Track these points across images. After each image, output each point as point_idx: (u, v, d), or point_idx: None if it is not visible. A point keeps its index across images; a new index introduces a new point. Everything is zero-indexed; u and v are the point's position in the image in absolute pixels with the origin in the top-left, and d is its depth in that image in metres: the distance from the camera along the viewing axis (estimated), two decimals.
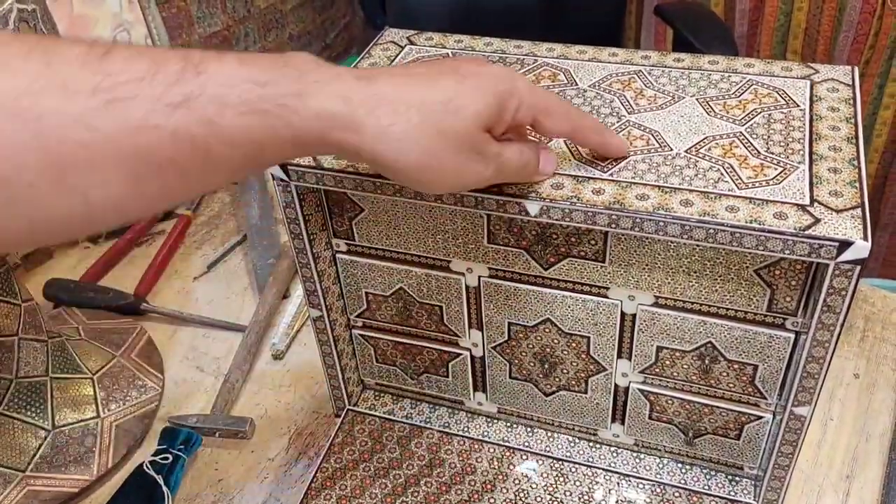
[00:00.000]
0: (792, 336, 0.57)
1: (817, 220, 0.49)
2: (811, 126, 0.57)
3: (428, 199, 0.56)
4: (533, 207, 0.53)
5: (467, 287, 0.64)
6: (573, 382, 0.68)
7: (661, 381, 0.64)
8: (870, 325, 0.84)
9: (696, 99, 0.61)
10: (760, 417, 0.62)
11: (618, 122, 0.59)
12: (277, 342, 0.86)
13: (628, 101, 0.61)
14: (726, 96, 0.61)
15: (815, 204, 0.50)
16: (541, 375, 0.68)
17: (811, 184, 0.52)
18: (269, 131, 0.38)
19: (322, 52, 2.28)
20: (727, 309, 0.58)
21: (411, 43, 0.72)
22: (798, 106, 0.59)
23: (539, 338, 0.66)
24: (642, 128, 0.58)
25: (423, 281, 0.66)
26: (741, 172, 0.53)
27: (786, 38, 1.70)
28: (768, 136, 0.56)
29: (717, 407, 0.63)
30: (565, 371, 0.67)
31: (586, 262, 0.59)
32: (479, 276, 0.63)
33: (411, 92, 0.42)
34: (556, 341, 0.65)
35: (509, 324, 0.66)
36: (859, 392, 0.77)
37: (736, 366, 0.60)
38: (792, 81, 0.62)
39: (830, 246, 0.48)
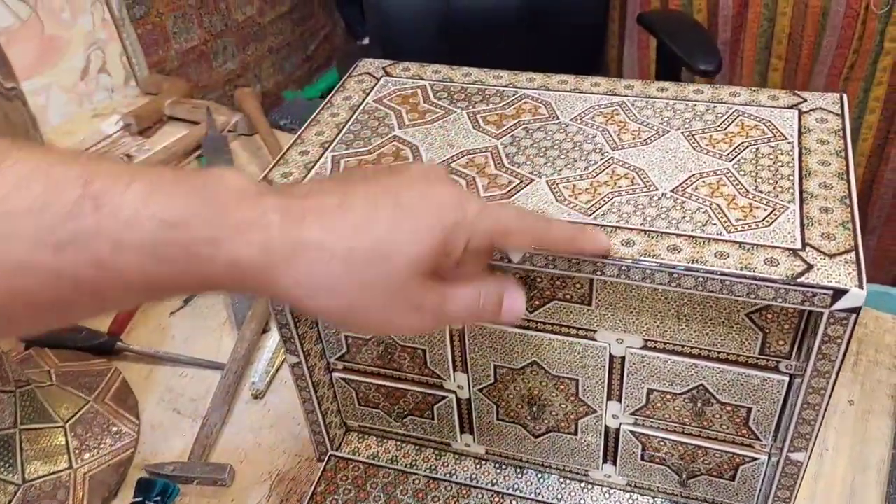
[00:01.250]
0: (786, 379, 0.55)
1: (810, 267, 0.47)
2: (800, 161, 0.55)
3: None
4: (515, 255, 0.51)
5: (451, 330, 0.62)
6: (562, 424, 0.65)
7: (652, 422, 0.62)
8: (863, 349, 0.82)
9: (682, 132, 0.59)
10: (755, 459, 0.61)
11: (601, 159, 0.57)
12: (257, 381, 0.84)
13: (612, 136, 0.59)
14: (712, 129, 0.59)
15: (807, 248, 0.48)
16: (529, 417, 0.66)
17: (802, 226, 0.50)
18: (173, 276, 0.34)
19: (303, 64, 2.26)
20: (718, 352, 0.56)
21: (387, 74, 0.70)
22: (786, 139, 0.57)
23: (526, 380, 0.63)
24: (626, 165, 0.56)
25: None
26: (729, 214, 0.51)
27: (770, 43, 1.69)
28: (756, 173, 0.54)
29: (711, 448, 0.61)
30: (554, 413, 0.65)
31: (572, 305, 0.57)
32: None
33: (339, 236, 0.36)
34: (543, 384, 0.63)
35: (495, 367, 0.63)
36: (854, 420, 0.76)
37: (729, 408, 0.58)
38: (779, 112, 0.60)
39: (824, 294, 0.46)
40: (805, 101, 0.61)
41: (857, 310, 0.46)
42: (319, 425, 0.71)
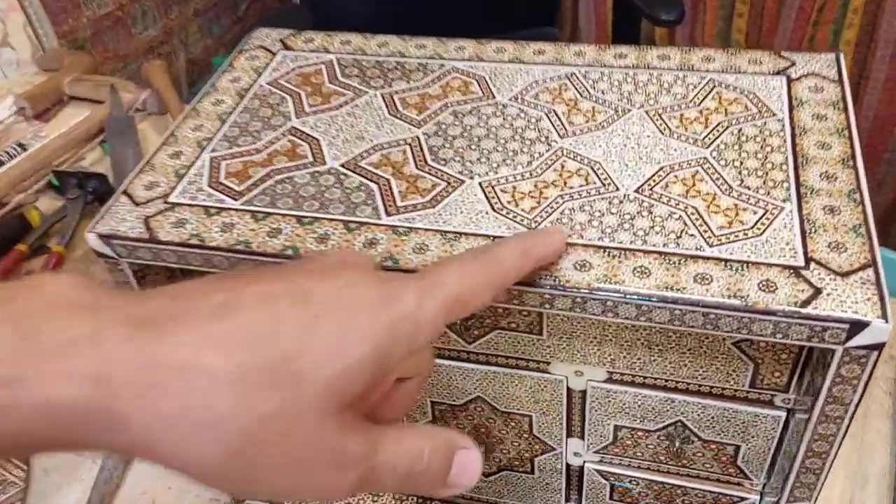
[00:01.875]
0: (782, 414, 0.45)
1: (817, 291, 0.36)
2: (794, 144, 0.44)
3: None
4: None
5: None
6: (516, 463, 0.55)
7: (621, 460, 0.52)
8: None
9: (646, 111, 0.47)
10: (745, 499, 0.51)
11: (548, 150, 0.46)
12: None
13: (560, 120, 0.48)
14: (683, 105, 0.48)
15: (812, 265, 0.37)
16: None
17: (803, 233, 0.39)
18: None
19: (233, 26, 2.09)
20: (699, 385, 0.45)
21: (286, 47, 0.57)
22: (774, 115, 0.46)
23: (470, 417, 0.53)
24: (579, 158, 0.45)
25: None
26: (710, 220, 0.40)
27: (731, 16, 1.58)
28: (741, 162, 0.43)
29: (693, 488, 0.51)
30: (506, 451, 0.54)
31: (520, 334, 0.46)
32: None
33: (222, 350, 0.24)
34: (491, 421, 0.52)
35: (432, 402, 0.52)
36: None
37: (713, 446, 0.48)
38: (763, 80, 0.49)
39: (837, 328, 0.35)
40: (794, 64, 0.50)
41: (879, 346, 0.35)
42: None
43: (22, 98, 1.10)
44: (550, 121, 0.48)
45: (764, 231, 0.39)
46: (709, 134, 0.45)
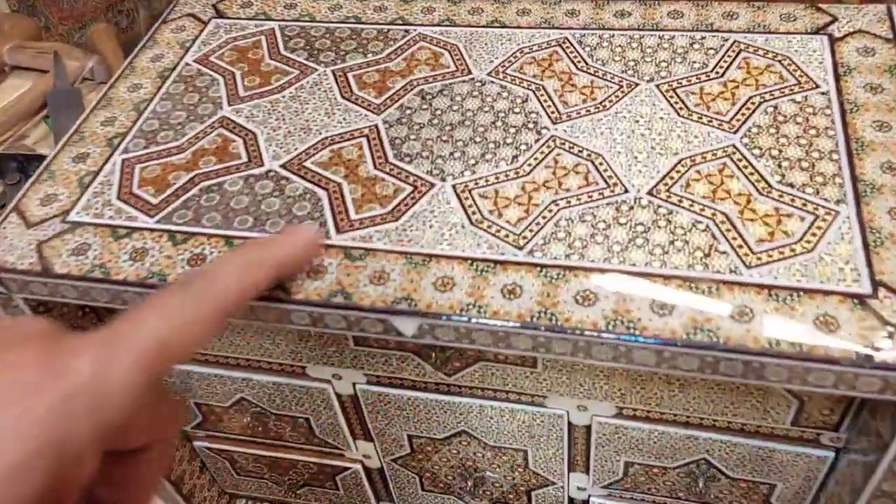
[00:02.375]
0: (830, 455, 0.37)
1: (894, 330, 0.28)
2: (845, 124, 0.35)
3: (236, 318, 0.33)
4: (408, 326, 0.32)
5: (339, 396, 0.43)
6: (511, 496, 0.47)
7: (633, 495, 0.44)
8: None
9: (657, 85, 0.38)
10: None
11: (537, 140, 0.37)
12: None
13: (551, 99, 0.39)
14: (703, 77, 0.39)
15: (882, 291, 0.29)
16: (465, 490, 0.48)
17: (866, 247, 0.30)
18: None
19: None
20: (729, 423, 0.37)
21: (219, 14, 0.47)
22: (817, 87, 0.37)
23: (455, 451, 0.45)
24: (576, 149, 0.36)
25: (272, 391, 0.44)
26: (746, 231, 0.32)
27: None
28: (780, 151, 0.35)
29: None
30: (498, 485, 0.47)
31: (509, 366, 0.38)
32: (355, 384, 0.42)
33: None
34: (479, 454, 0.45)
35: (409, 436, 0.45)
36: None
37: (744, 484, 0.40)
38: (799, 41, 0.40)
39: None
40: (835, 19, 0.40)
41: None
42: None
43: None
44: (539, 101, 0.39)
45: (815, 245, 0.31)
46: (737, 114, 0.36)
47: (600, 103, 0.38)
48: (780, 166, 0.34)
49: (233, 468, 0.52)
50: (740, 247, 0.31)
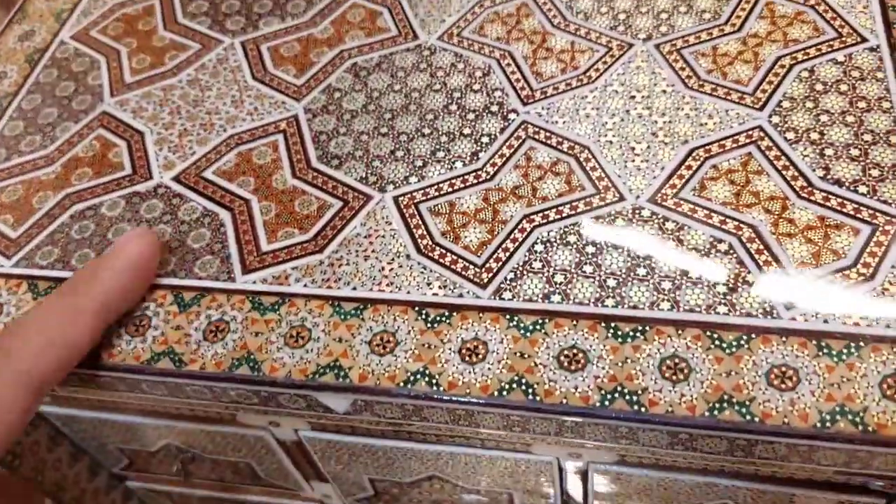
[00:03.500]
0: (881, 502, 0.30)
1: None
2: None
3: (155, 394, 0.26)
4: (338, 403, 0.24)
5: (281, 442, 0.35)
6: None
7: None
8: None
9: (656, 45, 0.30)
10: None
11: (502, 128, 0.28)
12: None
13: (519, 71, 0.30)
14: (715, 31, 0.30)
15: None
16: None
17: None
18: None
19: None
20: (757, 469, 0.30)
21: None
22: (865, 41, 0.28)
23: (427, 493, 0.38)
24: (554, 140, 0.28)
25: (201, 437, 0.36)
26: (782, 250, 0.24)
27: None
28: (821, 134, 0.26)
29: None
30: None
31: (476, 428, 0.30)
32: (297, 430, 0.34)
33: None
34: (454, 496, 0.38)
35: (371, 479, 0.37)
36: None
37: None
38: None
39: None
40: None
41: None
42: None
43: None
44: (506, 73, 0.30)
45: (877, 270, 0.23)
46: (762, 83, 0.28)
47: (584, 73, 0.29)
48: (822, 155, 0.26)
49: None
50: (775, 272, 0.23)
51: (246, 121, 0.30)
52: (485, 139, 0.28)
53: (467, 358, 0.23)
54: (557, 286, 0.24)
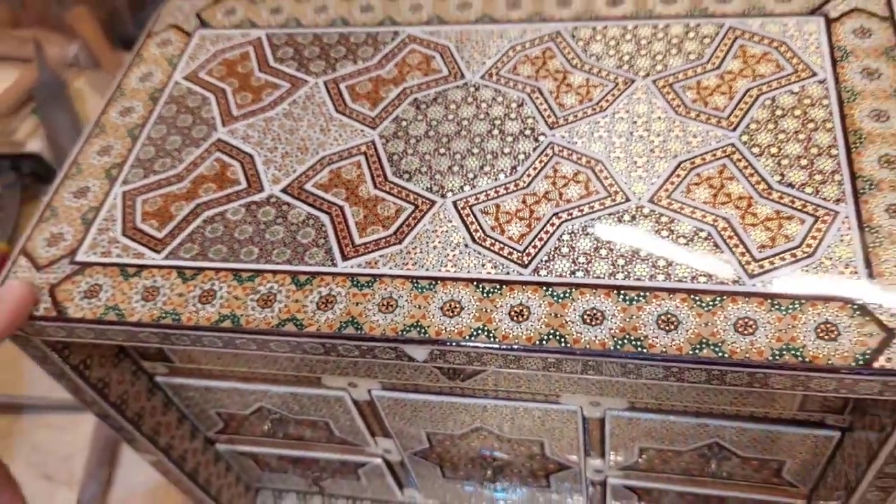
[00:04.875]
0: (836, 434, 0.38)
1: (891, 334, 0.28)
2: (843, 115, 0.35)
3: (249, 349, 0.34)
4: (419, 352, 0.32)
5: (356, 402, 0.44)
6: (530, 479, 0.49)
7: (649, 475, 0.46)
8: None
9: (653, 81, 0.38)
10: None
11: (535, 148, 0.37)
12: None
13: (546, 102, 0.38)
14: (699, 69, 0.38)
15: (879, 294, 0.29)
16: (485, 478, 0.49)
17: (865, 249, 0.31)
18: None
19: None
20: (738, 410, 0.38)
21: (204, 24, 0.47)
22: (814, 75, 0.37)
23: (473, 444, 0.46)
24: (575, 156, 0.36)
25: (289, 400, 0.45)
26: (748, 237, 0.32)
27: None
28: (779, 148, 0.34)
29: (732, 497, 0.46)
30: (516, 470, 0.48)
31: (521, 370, 0.39)
32: (370, 390, 0.43)
33: None
34: (496, 446, 0.46)
35: (427, 433, 0.46)
36: None
37: (755, 462, 0.42)
38: (795, 23, 0.39)
39: None
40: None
41: None
42: None
43: None
44: (535, 104, 0.38)
45: (815, 249, 0.31)
46: (735, 109, 0.36)
47: (597, 104, 0.38)
48: (779, 164, 0.34)
49: (257, 465, 0.54)
50: (742, 254, 0.31)
51: (333, 145, 0.39)
52: (521, 156, 0.37)
53: (515, 318, 0.31)
54: (580, 265, 0.32)
